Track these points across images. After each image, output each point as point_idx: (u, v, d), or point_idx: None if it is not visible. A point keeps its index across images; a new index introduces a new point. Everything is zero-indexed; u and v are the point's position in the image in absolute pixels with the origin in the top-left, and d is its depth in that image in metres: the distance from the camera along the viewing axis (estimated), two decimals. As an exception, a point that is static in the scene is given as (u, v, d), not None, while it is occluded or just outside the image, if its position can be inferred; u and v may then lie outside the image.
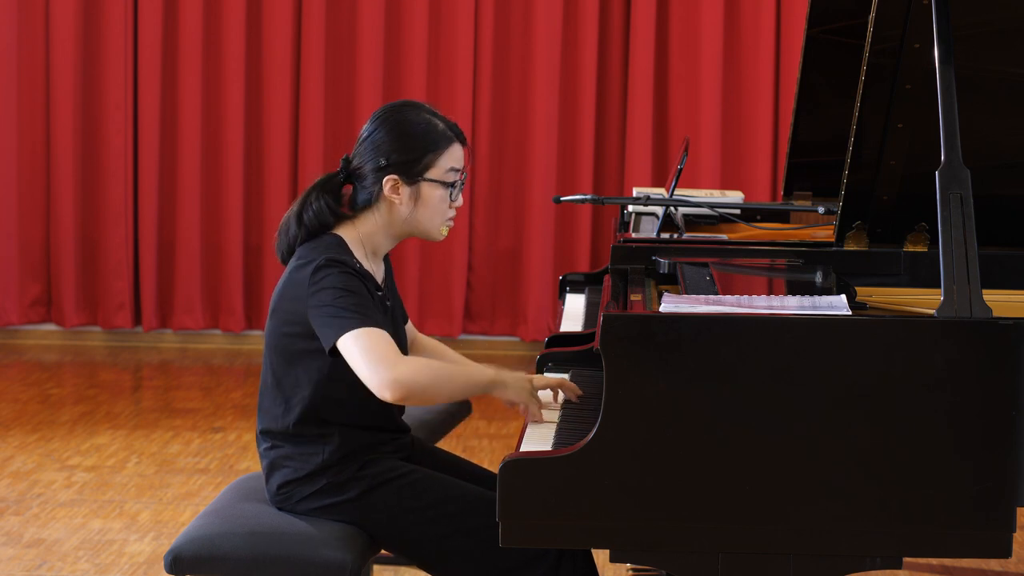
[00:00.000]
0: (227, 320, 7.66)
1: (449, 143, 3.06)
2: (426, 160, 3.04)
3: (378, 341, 2.86)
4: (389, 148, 3.04)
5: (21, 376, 7.02)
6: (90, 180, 7.60)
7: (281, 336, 3.02)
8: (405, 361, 2.87)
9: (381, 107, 3.13)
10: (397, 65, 7.51)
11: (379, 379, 2.83)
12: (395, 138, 3.04)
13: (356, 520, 3.01)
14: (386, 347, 2.86)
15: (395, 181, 3.03)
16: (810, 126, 4.48)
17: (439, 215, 3.07)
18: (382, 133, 3.06)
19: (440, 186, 3.05)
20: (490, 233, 7.60)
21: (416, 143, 3.04)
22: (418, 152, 3.03)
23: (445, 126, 3.07)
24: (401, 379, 2.82)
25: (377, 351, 2.84)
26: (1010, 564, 4.41)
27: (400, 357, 2.87)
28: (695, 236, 4.19)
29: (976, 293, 2.69)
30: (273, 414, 3.05)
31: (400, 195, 3.04)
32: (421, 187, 3.04)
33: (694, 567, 2.70)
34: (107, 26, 7.49)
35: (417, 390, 2.84)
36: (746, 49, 7.43)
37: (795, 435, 2.65)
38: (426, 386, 2.85)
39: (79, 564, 4.36)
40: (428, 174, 3.04)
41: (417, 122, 3.06)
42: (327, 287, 2.92)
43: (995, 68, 3.36)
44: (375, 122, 3.08)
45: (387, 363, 2.83)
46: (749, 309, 2.74)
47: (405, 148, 3.03)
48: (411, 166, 3.03)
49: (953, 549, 2.71)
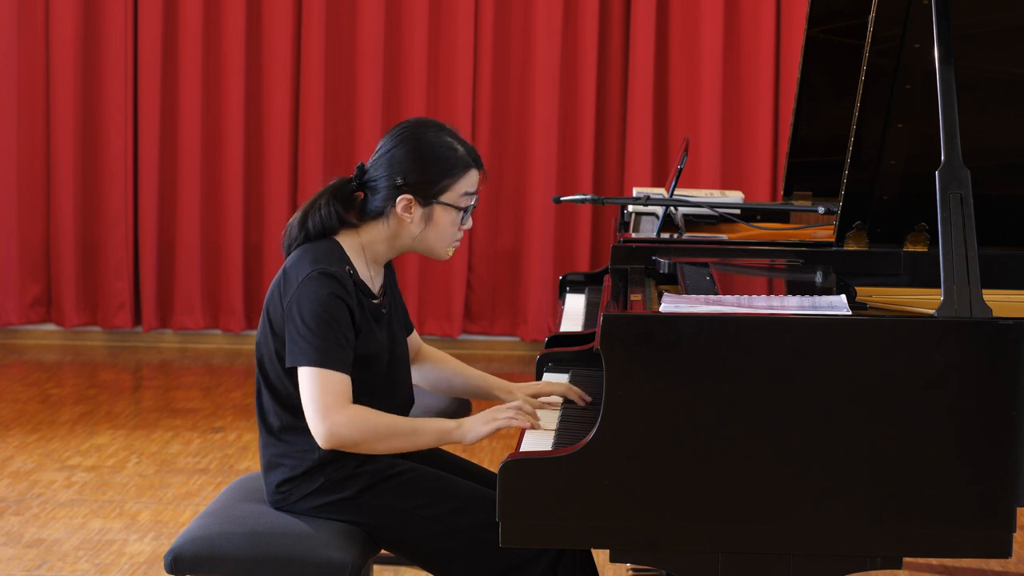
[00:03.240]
0: (227, 320, 7.66)
1: (467, 169, 3.05)
2: (443, 184, 3.03)
3: (326, 387, 2.90)
4: (407, 168, 3.03)
5: (21, 376, 7.02)
6: (90, 180, 7.60)
7: (270, 334, 3.03)
8: (344, 414, 2.90)
9: (404, 121, 3.10)
10: (397, 65, 7.51)
11: (315, 427, 2.92)
12: (415, 158, 3.03)
13: (355, 519, 3.01)
14: (331, 395, 2.90)
15: (409, 201, 3.03)
16: (810, 126, 4.48)
17: (447, 238, 3.07)
18: (402, 152, 3.04)
19: (453, 210, 3.05)
20: (490, 233, 7.60)
21: (435, 166, 3.03)
22: (436, 175, 3.03)
23: (465, 151, 3.06)
24: (334, 432, 2.91)
25: (322, 398, 2.90)
26: (1010, 564, 4.41)
27: (341, 409, 2.90)
28: (695, 236, 4.19)
29: (976, 293, 2.69)
30: (267, 410, 3.06)
31: (412, 215, 3.04)
32: (434, 209, 3.04)
33: (694, 567, 2.70)
34: (107, 26, 7.49)
35: (349, 444, 2.93)
36: (746, 49, 7.43)
37: (795, 435, 2.65)
38: (359, 441, 2.93)
39: (79, 564, 4.36)
40: (443, 197, 3.04)
41: (438, 144, 3.05)
42: (306, 306, 2.93)
43: (995, 68, 3.36)
44: (396, 138, 3.06)
45: (324, 413, 2.90)
46: (749, 309, 2.74)
47: (423, 170, 3.03)
48: (427, 188, 3.03)
49: (953, 549, 2.71)
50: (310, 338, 2.92)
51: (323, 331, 2.92)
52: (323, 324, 2.93)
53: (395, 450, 2.99)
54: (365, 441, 2.93)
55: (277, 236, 7.55)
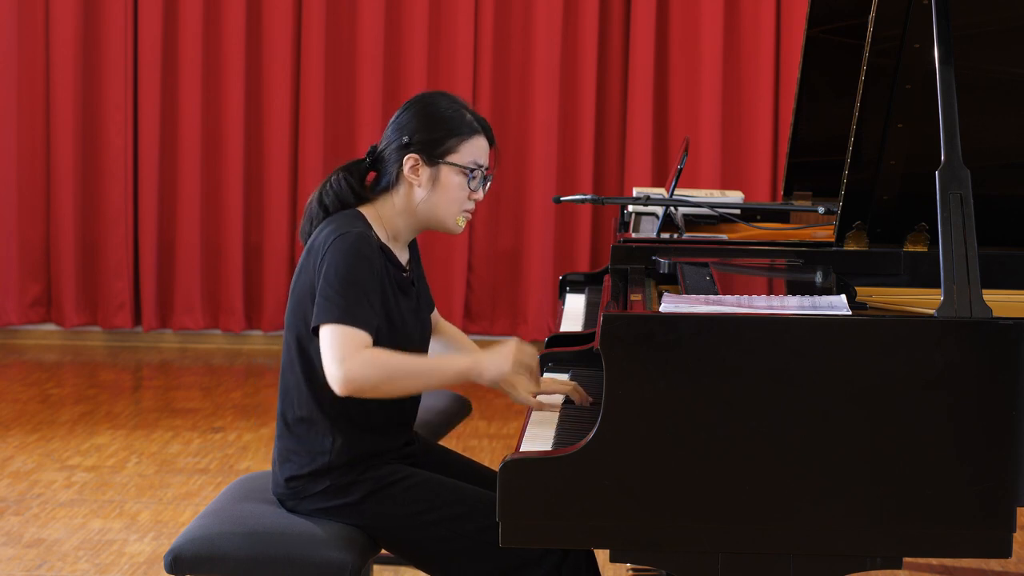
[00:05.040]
0: (227, 320, 7.66)
1: (473, 132, 3.06)
2: (449, 143, 3.04)
3: (344, 337, 2.87)
4: (413, 128, 3.05)
5: (21, 376, 7.02)
6: (90, 180, 7.60)
7: (306, 307, 2.99)
8: (360, 356, 2.87)
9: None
10: (397, 65, 7.51)
11: (331, 374, 2.87)
12: (421, 119, 3.05)
13: (358, 523, 3.01)
14: (348, 344, 2.86)
15: (416, 160, 3.04)
16: (810, 126, 4.48)
17: (456, 203, 3.06)
18: (409, 115, 3.07)
19: (460, 172, 3.04)
20: (490, 233, 7.60)
21: (441, 125, 3.04)
22: (441, 133, 3.04)
23: (473, 118, 3.08)
24: (350, 376, 2.85)
25: (339, 348, 2.86)
26: (1010, 564, 4.41)
27: (357, 353, 2.87)
28: (695, 236, 4.19)
29: (976, 293, 2.69)
30: (289, 396, 3.05)
31: (419, 176, 3.04)
32: (441, 170, 3.04)
33: (694, 567, 2.70)
34: (107, 26, 7.49)
35: (368, 386, 2.88)
36: (746, 49, 7.43)
37: (795, 435, 2.65)
38: (376, 383, 2.87)
39: (79, 564, 4.36)
40: (449, 157, 3.04)
41: (445, 107, 3.07)
42: (333, 265, 2.92)
43: (995, 68, 3.36)
44: (405, 107, 3.10)
45: (340, 359, 2.86)
46: (749, 309, 2.74)
47: (429, 128, 3.04)
48: (433, 146, 3.03)
49: (953, 549, 2.71)
50: (335, 298, 2.89)
51: (348, 291, 2.90)
52: (348, 285, 2.90)
53: (413, 390, 2.98)
54: (381, 382, 2.88)
55: (277, 236, 7.56)
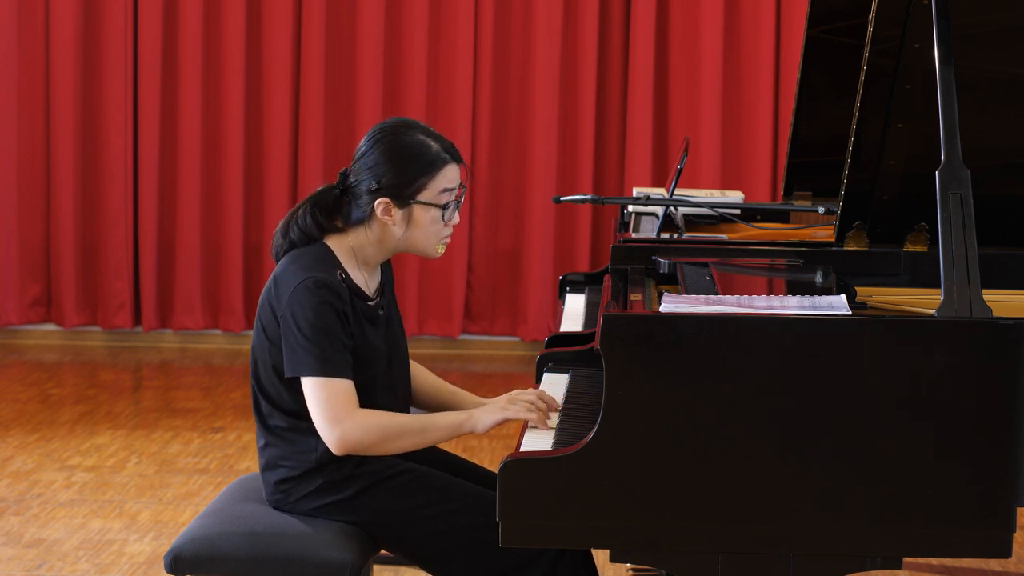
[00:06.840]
0: (227, 320, 7.66)
1: (443, 165, 3.03)
2: (418, 183, 3.02)
3: (331, 395, 2.92)
4: (381, 171, 3.02)
5: (21, 376, 7.02)
6: (90, 180, 7.60)
7: (264, 340, 3.03)
8: (354, 419, 2.92)
9: (377, 124, 3.09)
10: (397, 65, 7.51)
11: (326, 436, 2.95)
12: (387, 160, 3.02)
13: (355, 519, 3.01)
14: (338, 403, 2.92)
15: (387, 204, 3.02)
16: (810, 126, 4.48)
17: (433, 236, 3.06)
18: (375, 154, 3.03)
19: (432, 208, 3.03)
20: (490, 233, 7.60)
21: (408, 166, 3.01)
22: (410, 175, 3.01)
23: (439, 147, 3.04)
24: (346, 439, 2.94)
25: (329, 407, 2.92)
26: (1010, 564, 4.41)
27: (349, 415, 2.92)
28: (695, 236, 4.19)
29: (976, 293, 2.69)
30: (264, 413, 3.06)
31: (392, 217, 3.03)
32: (413, 209, 3.03)
33: (694, 567, 2.70)
34: (107, 26, 7.49)
35: (362, 448, 2.96)
36: (746, 49, 7.43)
37: (795, 435, 2.65)
38: (371, 444, 2.96)
39: (79, 564, 4.36)
40: (420, 196, 3.02)
41: (410, 144, 3.03)
42: (300, 315, 2.94)
43: (995, 68, 3.36)
44: (370, 142, 3.06)
45: (334, 422, 2.92)
46: (749, 309, 2.74)
47: (397, 171, 3.01)
48: (403, 189, 3.02)
49: (953, 549, 2.71)
50: (309, 348, 2.92)
51: (320, 339, 2.93)
52: (319, 332, 2.93)
53: (407, 448, 3.00)
54: (377, 443, 2.95)
55: (277, 236, 7.55)
